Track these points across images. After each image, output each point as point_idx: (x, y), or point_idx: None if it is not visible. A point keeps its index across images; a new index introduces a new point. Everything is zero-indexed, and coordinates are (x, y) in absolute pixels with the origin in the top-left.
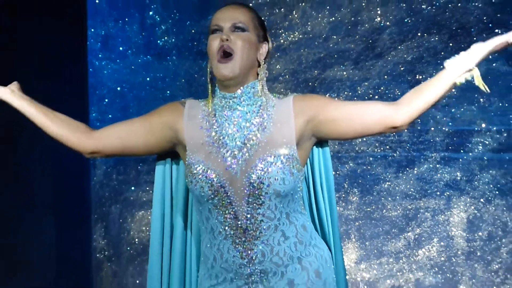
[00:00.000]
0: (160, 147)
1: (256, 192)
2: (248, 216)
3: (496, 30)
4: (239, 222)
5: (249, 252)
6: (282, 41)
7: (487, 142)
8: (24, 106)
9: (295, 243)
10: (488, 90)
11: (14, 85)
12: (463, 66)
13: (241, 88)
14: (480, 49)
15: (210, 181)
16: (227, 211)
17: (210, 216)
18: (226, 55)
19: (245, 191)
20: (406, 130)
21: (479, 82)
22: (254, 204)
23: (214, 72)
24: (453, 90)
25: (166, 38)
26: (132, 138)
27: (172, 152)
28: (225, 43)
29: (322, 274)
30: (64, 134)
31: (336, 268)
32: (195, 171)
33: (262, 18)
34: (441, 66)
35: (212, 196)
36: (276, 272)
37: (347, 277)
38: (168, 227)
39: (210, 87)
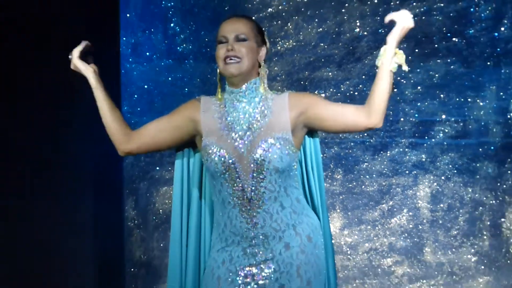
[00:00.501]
0: (183, 138)
1: (259, 168)
2: (253, 188)
3: (454, 39)
4: (245, 194)
5: (253, 218)
6: (279, 47)
7: (446, 130)
8: (98, 89)
9: (291, 212)
10: (408, 69)
11: (95, 66)
12: (388, 56)
13: (245, 84)
14: (392, 39)
15: (222, 159)
16: (235, 184)
17: (222, 189)
18: (233, 60)
19: (251, 167)
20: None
21: (403, 61)
22: (258, 179)
23: (223, 73)
24: (419, 87)
25: (184, 45)
26: (161, 134)
27: (188, 142)
28: (230, 53)
29: (313, 239)
30: (115, 128)
31: (324, 233)
32: (210, 151)
33: (260, 26)
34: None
35: (224, 171)
36: (274, 236)
37: (332, 241)
38: (186, 200)
39: (219, 85)
